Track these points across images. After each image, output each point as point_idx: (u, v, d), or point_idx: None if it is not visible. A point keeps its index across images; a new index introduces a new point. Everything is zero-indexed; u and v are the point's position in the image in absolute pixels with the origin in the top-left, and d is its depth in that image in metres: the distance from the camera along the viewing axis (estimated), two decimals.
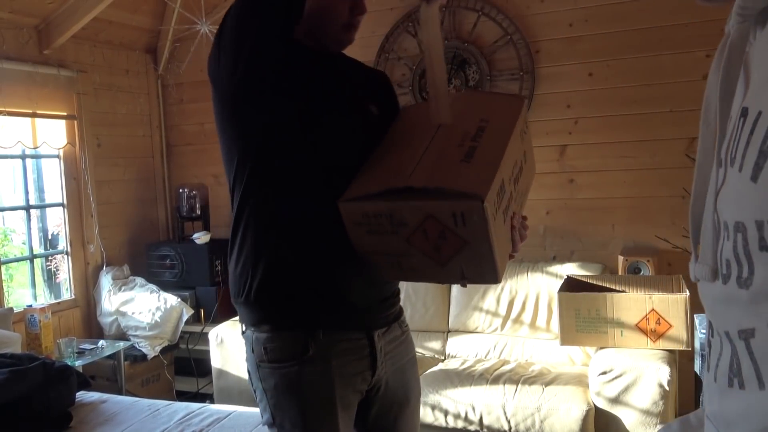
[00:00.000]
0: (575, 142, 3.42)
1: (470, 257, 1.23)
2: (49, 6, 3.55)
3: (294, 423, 1.38)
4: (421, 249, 1.24)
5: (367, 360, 1.43)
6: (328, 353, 1.37)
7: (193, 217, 4.16)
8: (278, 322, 1.38)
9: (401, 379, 1.52)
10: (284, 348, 1.37)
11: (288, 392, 1.37)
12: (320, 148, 1.35)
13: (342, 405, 1.40)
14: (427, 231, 1.21)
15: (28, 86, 3.53)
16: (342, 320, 1.40)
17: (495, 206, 1.20)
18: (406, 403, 1.54)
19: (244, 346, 1.44)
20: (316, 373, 1.36)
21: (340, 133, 1.38)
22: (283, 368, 1.37)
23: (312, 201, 1.35)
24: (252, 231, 1.37)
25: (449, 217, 1.18)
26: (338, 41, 1.44)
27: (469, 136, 1.31)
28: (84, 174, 3.90)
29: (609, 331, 2.87)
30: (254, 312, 1.39)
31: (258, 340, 1.39)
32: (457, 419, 2.90)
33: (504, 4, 3.62)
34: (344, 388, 1.40)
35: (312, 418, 1.38)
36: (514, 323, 3.40)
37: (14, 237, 4.14)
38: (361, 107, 1.46)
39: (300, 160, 1.35)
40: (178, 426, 2.51)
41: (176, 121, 4.48)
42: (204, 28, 3.96)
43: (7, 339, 3.05)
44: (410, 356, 1.56)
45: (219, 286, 3.98)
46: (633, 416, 2.68)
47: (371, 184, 1.27)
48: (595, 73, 3.46)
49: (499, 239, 1.24)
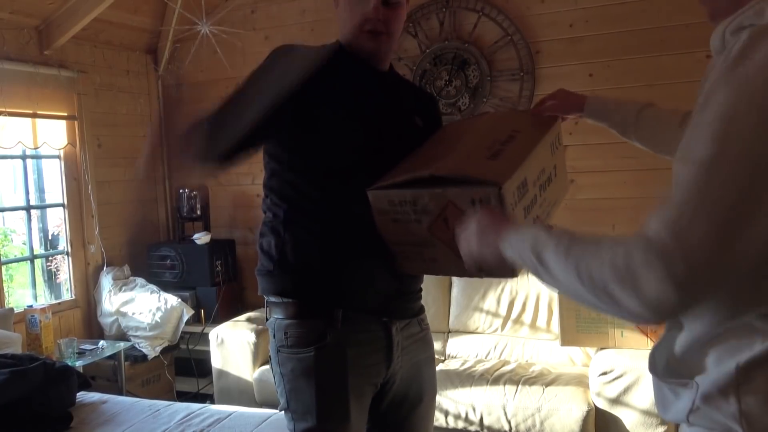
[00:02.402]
0: (576, 143, 3.41)
1: None
2: (50, 6, 3.55)
3: (307, 408, 1.42)
4: (442, 239, 1.28)
5: (382, 352, 1.47)
6: (344, 342, 1.41)
7: (194, 217, 4.16)
8: (300, 295, 1.43)
9: (416, 376, 1.55)
10: (303, 334, 1.42)
11: (303, 377, 1.42)
12: (359, 152, 1.40)
13: (354, 394, 1.43)
14: (447, 219, 1.25)
15: (28, 87, 3.53)
16: (362, 303, 1.44)
17: (514, 198, 1.23)
18: (419, 402, 1.57)
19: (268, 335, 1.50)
20: (331, 361, 1.40)
21: (380, 139, 1.43)
22: (301, 354, 1.42)
23: (349, 196, 1.39)
24: (286, 211, 1.44)
25: (469, 203, 1.21)
26: (360, 47, 1.47)
27: (499, 141, 1.36)
28: (84, 174, 3.90)
29: (609, 332, 2.87)
30: (277, 282, 1.44)
31: (280, 327, 1.45)
32: (458, 420, 2.90)
33: (504, 5, 3.62)
34: (358, 378, 1.43)
35: (324, 404, 1.41)
36: (514, 324, 3.40)
37: (15, 237, 4.14)
38: (407, 118, 1.53)
39: (343, 160, 1.41)
40: (179, 426, 2.51)
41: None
42: (204, 28, 3.96)
43: (8, 339, 3.05)
44: (427, 354, 1.60)
45: (219, 287, 3.98)
46: (633, 417, 2.68)
47: (398, 174, 1.32)
48: (596, 74, 3.46)
49: None
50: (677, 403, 0.87)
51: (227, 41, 4.08)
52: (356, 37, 1.45)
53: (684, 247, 0.73)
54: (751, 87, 0.74)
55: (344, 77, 1.46)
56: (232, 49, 4.14)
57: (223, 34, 3.98)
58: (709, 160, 0.74)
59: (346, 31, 1.47)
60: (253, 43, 4.13)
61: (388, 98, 1.51)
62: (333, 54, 1.47)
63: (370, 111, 1.44)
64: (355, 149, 1.40)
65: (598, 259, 0.80)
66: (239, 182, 4.23)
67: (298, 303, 1.43)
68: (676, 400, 0.87)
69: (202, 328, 3.89)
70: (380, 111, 1.47)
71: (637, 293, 0.76)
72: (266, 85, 1.34)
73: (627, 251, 0.77)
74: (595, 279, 0.80)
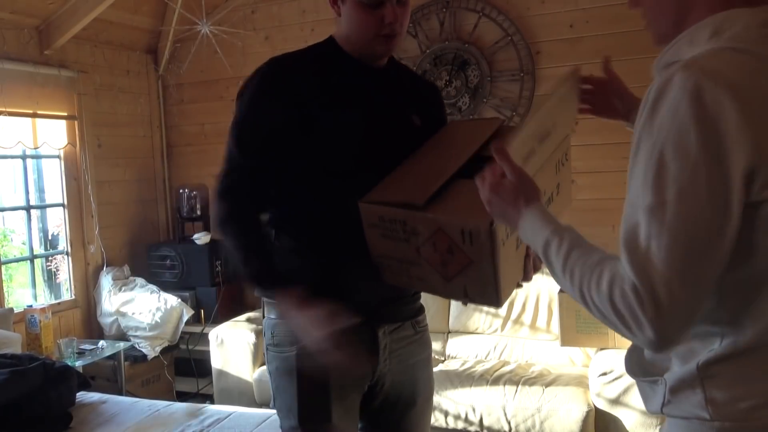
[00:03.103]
0: (575, 143, 3.36)
1: (474, 277, 1.25)
2: (50, 6, 3.55)
3: (289, 407, 1.44)
4: (429, 261, 1.27)
5: (366, 355, 1.45)
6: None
7: (194, 217, 4.16)
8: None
9: (410, 377, 1.54)
10: (286, 333, 1.43)
11: (286, 376, 1.44)
12: (355, 154, 1.39)
13: (336, 395, 1.42)
14: (436, 243, 1.24)
15: (28, 86, 3.53)
16: (348, 306, 1.41)
17: (506, 231, 1.21)
18: (413, 403, 1.55)
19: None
20: (311, 360, 1.37)
21: (377, 140, 1.42)
22: (284, 353, 1.44)
23: (341, 199, 1.38)
24: (278, 216, 1.46)
25: (458, 233, 1.20)
26: (374, 52, 1.45)
27: None
28: (84, 174, 3.90)
29: (609, 332, 2.87)
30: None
31: (268, 326, 1.48)
32: (458, 420, 2.90)
33: (504, 5, 3.62)
34: (340, 379, 1.42)
35: (304, 403, 1.42)
36: (514, 324, 3.40)
37: (14, 237, 4.14)
38: (404, 118, 1.50)
39: (336, 162, 1.40)
40: (178, 426, 2.51)
41: (177, 121, 4.48)
42: (204, 28, 3.96)
43: (8, 339, 3.05)
44: (422, 356, 1.58)
45: (219, 287, 3.98)
46: (633, 417, 2.68)
47: (393, 192, 1.30)
48: (596, 75, 3.45)
49: (507, 264, 1.25)
50: (654, 398, 0.98)
51: (227, 41, 4.08)
52: (369, 41, 1.42)
53: (656, 296, 0.81)
54: (669, 135, 0.82)
55: (340, 78, 1.44)
56: (232, 49, 4.14)
57: (224, 34, 3.98)
58: (654, 207, 0.83)
59: (357, 35, 1.42)
60: (253, 43, 4.13)
61: (385, 98, 1.48)
62: (328, 54, 1.46)
63: (365, 112, 1.42)
64: (349, 151, 1.39)
65: (597, 288, 0.87)
66: None
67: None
68: (653, 395, 0.98)
69: (201, 329, 3.89)
70: (375, 112, 1.44)
71: (632, 336, 0.85)
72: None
73: (622, 292, 0.84)
74: (599, 307, 0.88)
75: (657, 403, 0.97)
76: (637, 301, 0.81)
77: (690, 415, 0.92)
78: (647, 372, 1.01)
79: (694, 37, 0.90)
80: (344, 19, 1.43)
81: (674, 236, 0.81)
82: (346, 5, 1.41)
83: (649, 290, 0.81)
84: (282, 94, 1.39)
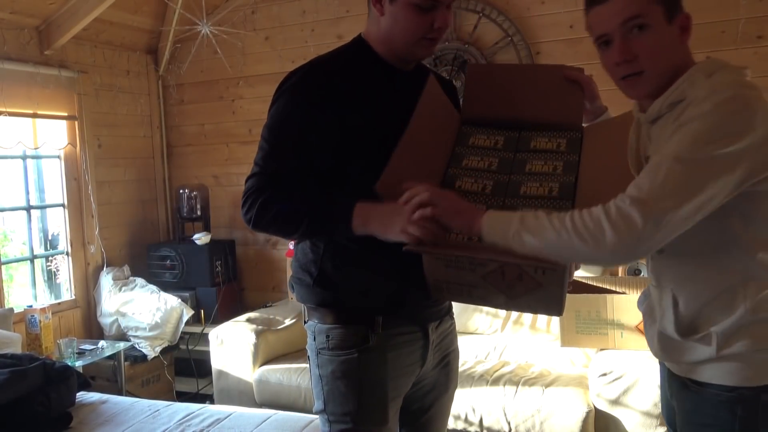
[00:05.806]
0: None
1: (541, 296, 1.29)
2: (50, 7, 3.55)
3: (345, 409, 1.43)
4: (495, 285, 1.30)
5: (419, 352, 1.50)
6: (385, 345, 1.43)
7: (194, 217, 4.16)
8: (342, 306, 1.44)
9: (446, 367, 1.59)
10: (346, 337, 1.43)
11: (343, 379, 1.43)
12: (387, 156, 1.37)
13: (392, 395, 1.46)
14: (505, 273, 1.27)
15: (29, 87, 3.53)
16: (401, 310, 1.46)
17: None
18: (445, 390, 1.61)
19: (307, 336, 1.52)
20: (373, 363, 1.42)
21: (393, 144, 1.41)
22: (343, 355, 1.42)
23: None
24: None
25: (532, 268, 1.24)
26: (413, 54, 1.46)
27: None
28: (84, 174, 3.91)
29: (609, 333, 2.87)
30: (318, 294, 1.46)
31: (321, 330, 1.45)
32: (458, 420, 2.89)
33: (505, 6, 3.62)
34: (396, 379, 1.46)
35: (364, 404, 1.43)
36: (514, 324, 3.40)
37: (14, 237, 4.14)
38: None
39: (370, 165, 1.38)
40: (178, 426, 2.51)
41: (177, 121, 4.48)
42: (205, 29, 3.96)
43: (8, 339, 3.05)
44: (455, 347, 1.64)
45: (219, 287, 3.98)
46: (633, 418, 2.67)
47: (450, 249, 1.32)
48: (596, 75, 3.44)
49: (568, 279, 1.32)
50: (705, 350, 1.17)
51: (227, 41, 4.08)
52: (413, 43, 1.41)
53: (652, 198, 1.07)
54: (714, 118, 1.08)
55: (373, 81, 1.44)
56: (232, 49, 4.14)
57: (224, 34, 3.98)
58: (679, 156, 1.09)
59: (402, 36, 1.41)
60: (254, 44, 4.13)
61: (408, 102, 1.45)
62: (360, 55, 1.46)
63: (398, 115, 1.40)
64: (381, 153, 1.36)
65: (588, 212, 1.11)
66: (239, 182, 4.22)
67: (340, 311, 1.45)
68: (702, 350, 1.18)
69: (201, 329, 3.89)
70: (407, 116, 1.42)
71: (618, 238, 1.07)
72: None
73: (614, 202, 1.09)
74: (586, 223, 1.10)
75: (709, 352, 1.16)
76: (631, 202, 1.07)
77: (747, 350, 1.13)
78: (693, 332, 1.19)
79: (694, 80, 1.16)
80: (389, 19, 1.40)
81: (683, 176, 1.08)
82: (396, 5, 1.38)
83: (652, 195, 1.08)
84: (320, 97, 1.39)
